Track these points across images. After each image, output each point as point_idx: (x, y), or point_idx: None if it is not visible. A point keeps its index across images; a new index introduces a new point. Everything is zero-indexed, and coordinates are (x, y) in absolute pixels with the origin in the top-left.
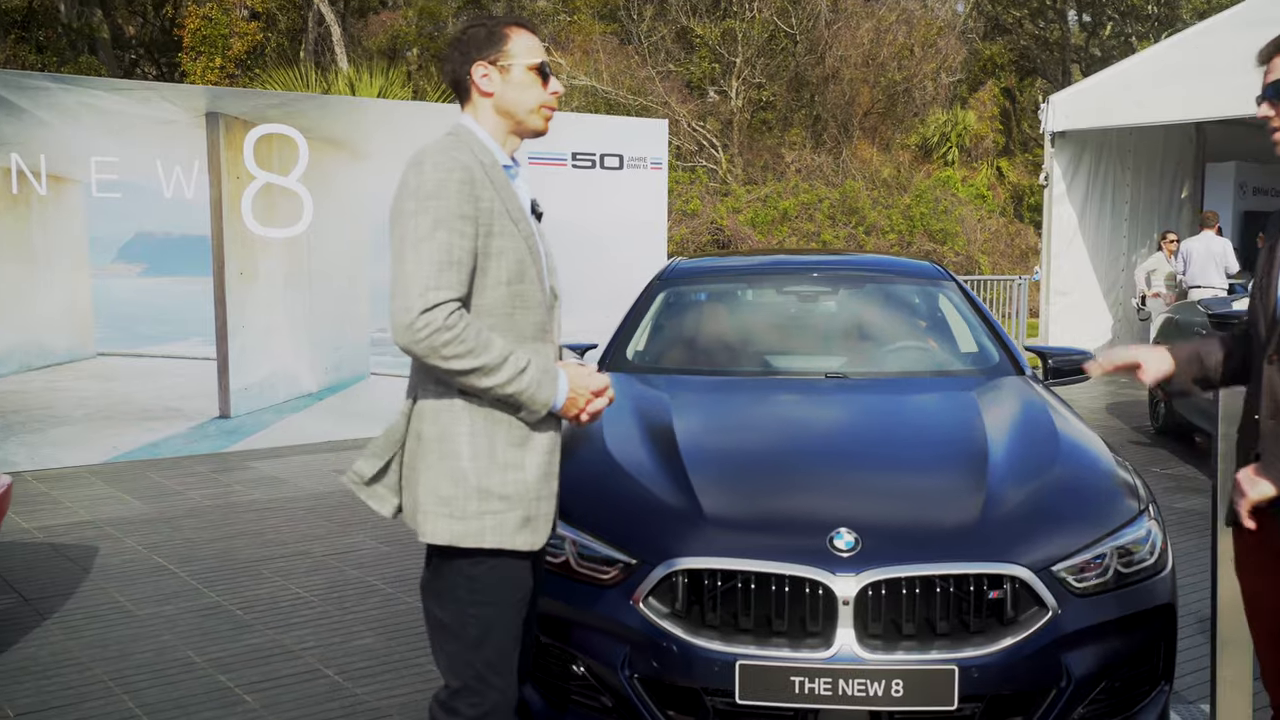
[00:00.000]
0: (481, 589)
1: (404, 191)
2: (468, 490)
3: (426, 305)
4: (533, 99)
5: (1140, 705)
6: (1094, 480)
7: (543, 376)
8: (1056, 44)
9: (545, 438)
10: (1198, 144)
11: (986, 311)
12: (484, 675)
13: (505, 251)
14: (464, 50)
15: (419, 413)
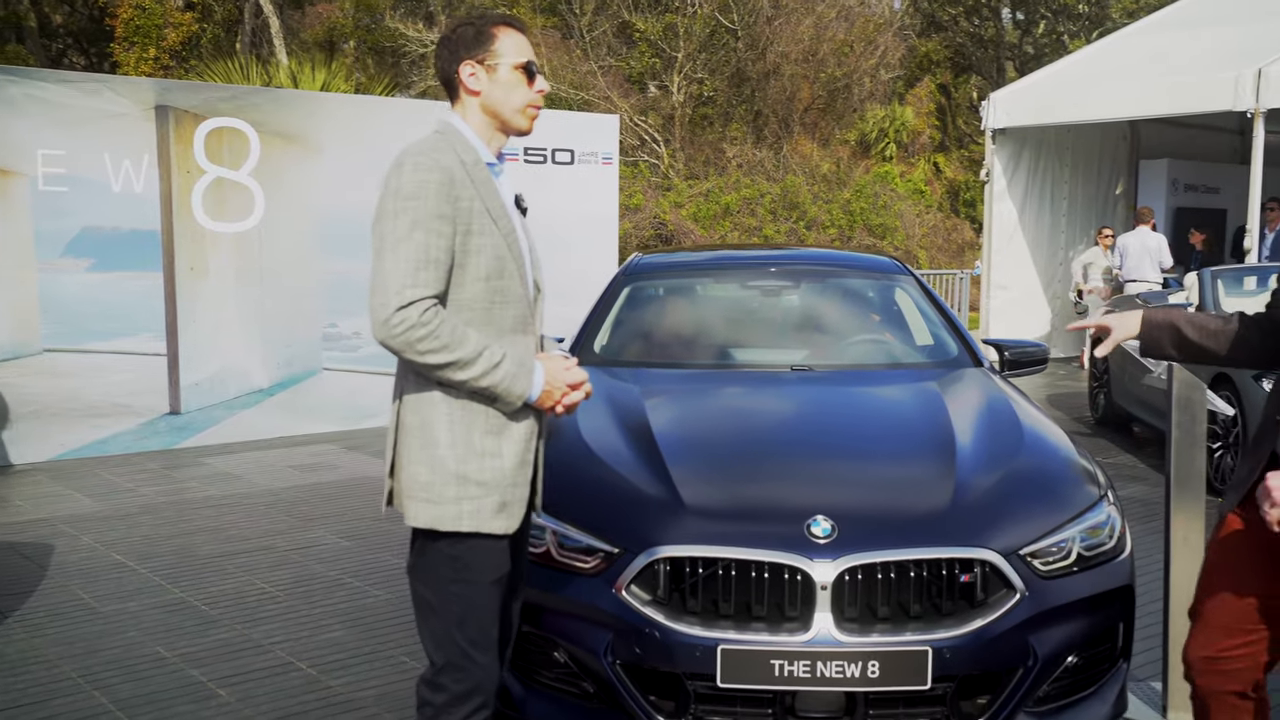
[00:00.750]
0: (462, 568)
1: (385, 192)
2: (446, 476)
3: (403, 302)
4: (519, 98)
5: (1100, 682)
6: (1056, 468)
7: (518, 370)
8: (991, 41)
9: (522, 427)
10: (1131, 142)
11: (944, 305)
12: (468, 652)
13: (484, 249)
14: (452, 49)
15: (404, 404)
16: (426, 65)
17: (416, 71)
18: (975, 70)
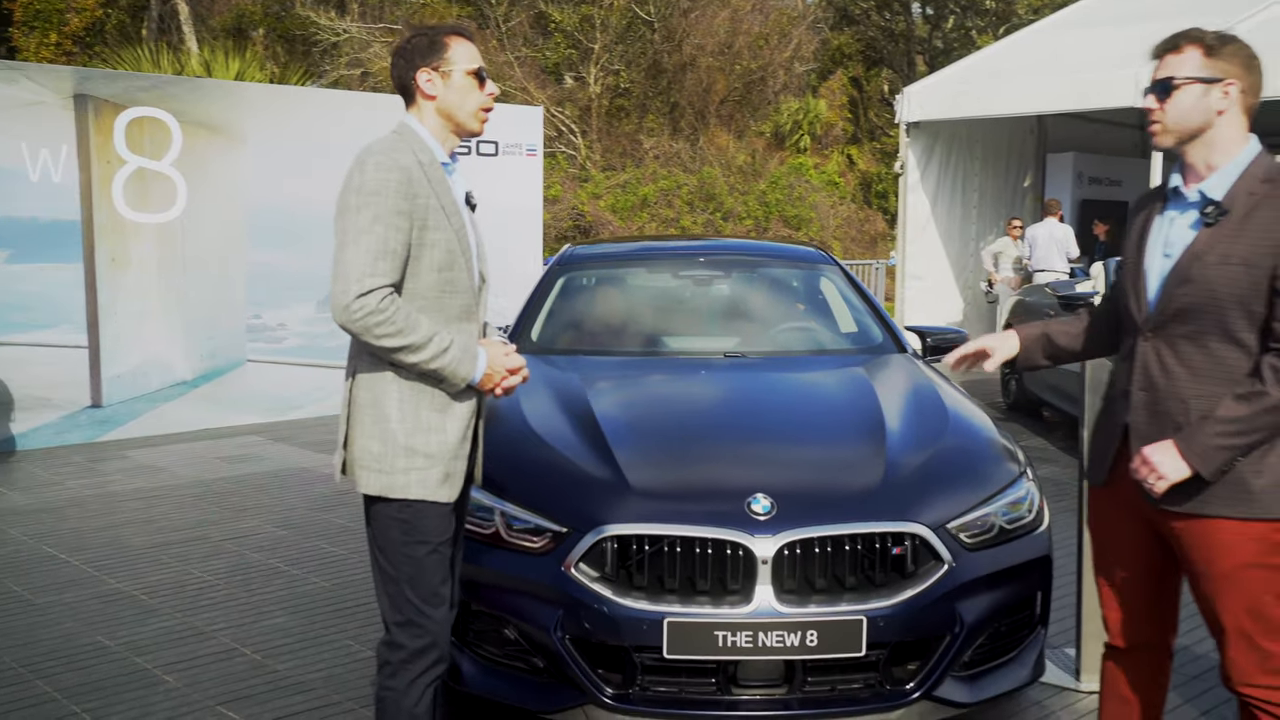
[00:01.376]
0: (412, 530)
1: (349, 187)
2: (396, 448)
3: (362, 290)
4: (472, 102)
5: (1021, 647)
6: (979, 448)
7: (463, 355)
8: (902, 35)
9: (464, 406)
10: (1038, 136)
11: (868, 293)
12: (421, 609)
13: (437, 243)
14: (408, 58)
15: (356, 382)
16: (339, 54)
17: (329, 61)
18: (886, 64)
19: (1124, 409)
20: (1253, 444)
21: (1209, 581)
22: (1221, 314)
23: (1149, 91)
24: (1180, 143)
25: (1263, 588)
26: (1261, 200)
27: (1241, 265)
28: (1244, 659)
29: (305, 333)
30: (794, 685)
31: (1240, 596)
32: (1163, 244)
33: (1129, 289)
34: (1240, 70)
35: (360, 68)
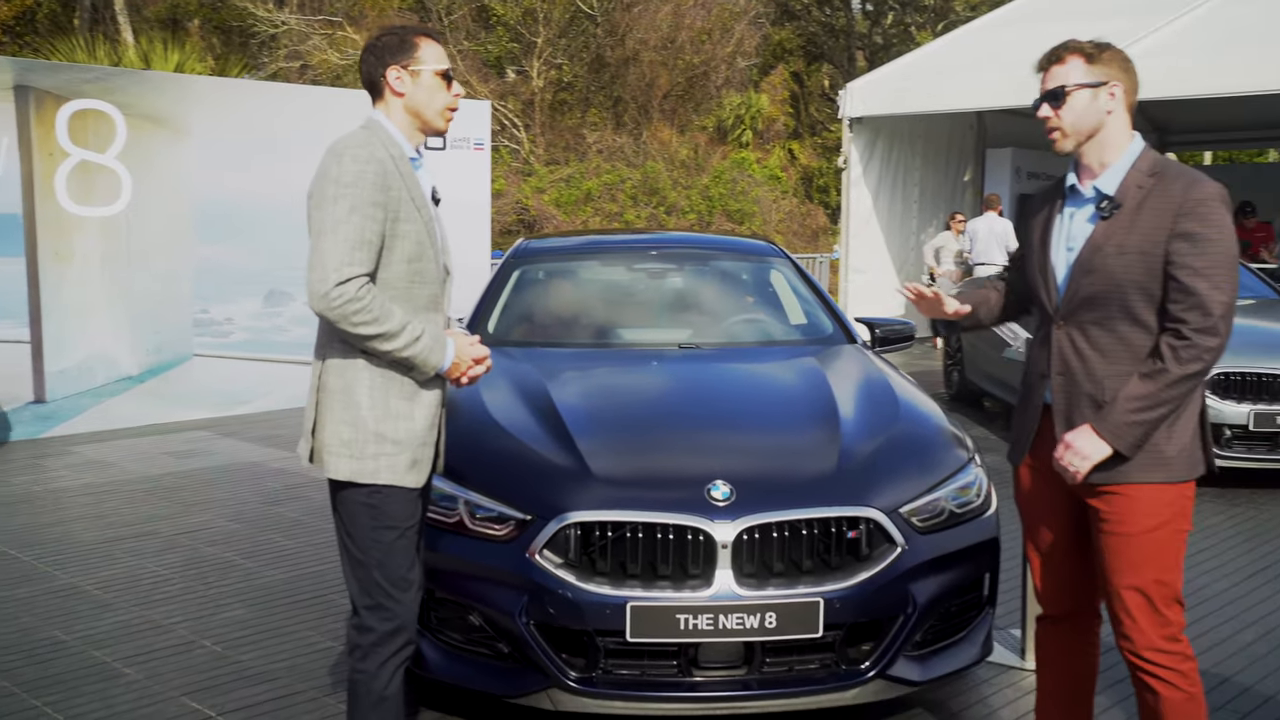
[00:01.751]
0: (381, 515)
1: (325, 178)
2: (366, 435)
3: (341, 279)
4: (439, 101)
5: (970, 627)
6: (929, 434)
7: (434, 344)
8: (842, 31)
9: (431, 395)
10: (978, 131)
11: (818, 286)
12: (389, 592)
13: (408, 235)
14: (379, 55)
15: (326, 369)
16: (277, 46)
17: (267, 53)
18: (827, 59)
19: (1043, 391)
20: (1162, 416)
21: (1122, 545)
22: (1124, 299)
23: (1042, 101)
24: (1078, 145)
25: (1170, 553)
26: (1150, 192)
27: (1137, 253)
28: (1147, 624)
29: (252, 327)
30: (753, 666)
31: (1151, 560)
32: (1065, 239)
33: (1038, 281)
34: (1120, 73)
35: (299, 60)
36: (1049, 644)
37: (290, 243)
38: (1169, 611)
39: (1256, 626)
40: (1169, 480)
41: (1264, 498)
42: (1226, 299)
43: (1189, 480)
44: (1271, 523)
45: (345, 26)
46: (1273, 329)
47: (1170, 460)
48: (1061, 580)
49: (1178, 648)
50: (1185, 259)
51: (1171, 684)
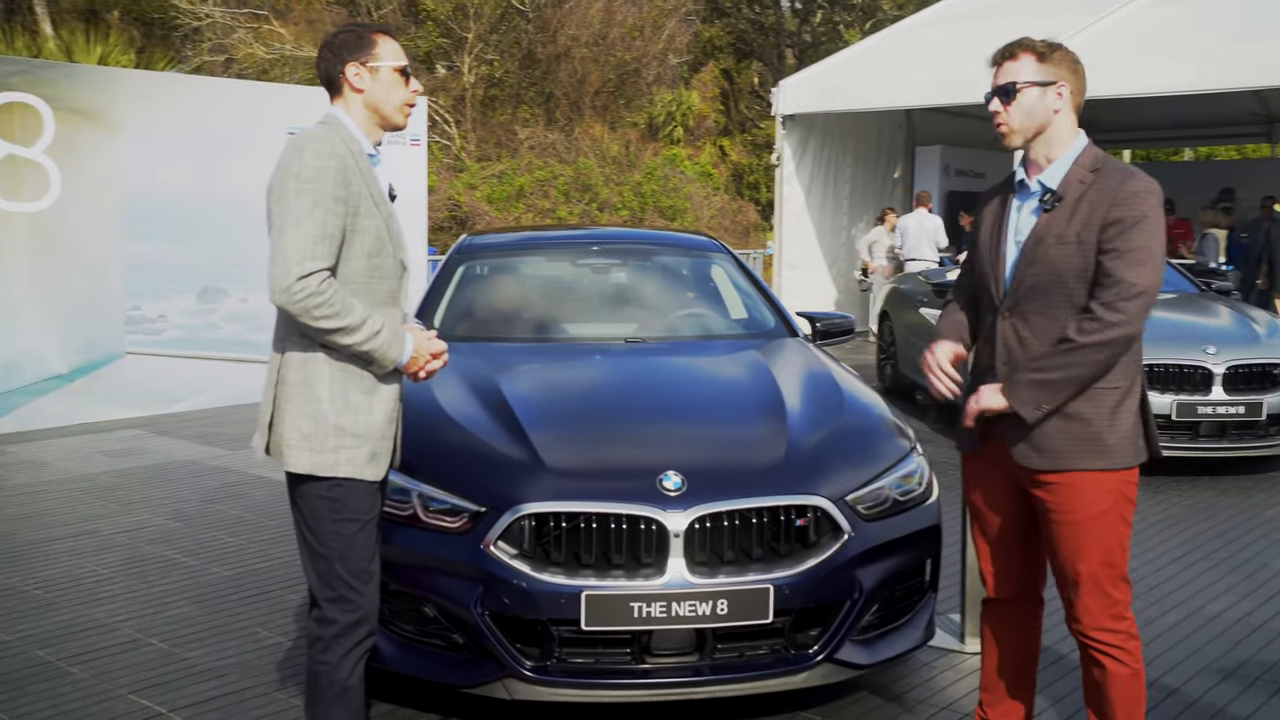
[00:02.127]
0: (341, 508)
1: (287, 173)
2: (326, 428)
3: (303, 272)
4: (398, 97)
5: (913, 612)
6: (873, 425)
7: (393, 338)
8: (772, 29)
9: (389, 390)
10: (907, 129)
11: (760, 280)
12: (351, 584)
13: (368, 230)
14: (336, 51)
15: (285, 362)
16: (201, 39)
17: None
18: (757, 56)
19: (989, 382)
20: (1063, 381)
21: (1069, 531)
22: (1065, 287)
23: (992, 96)
24: (1026, 141)
25: (1115, 537)
26: (1090, 186)
27: (1075, 243)
28: (1095, 605)
29: (186, 324)
30: (705, 653)
31: (1097, 545)
32: (1014, 231)
33: (988, 273)
34: (1068, 73)
35: (224, 54)
36: (995, 626)
37: (225, 239)
38: (1115, 591)
39: (1180, 609)
40: (1110, 467)
41: (1186, 485)
42: (1145, 284)
43: (1132, 467)
44: (1194, 509)
45: (271, 20)
46: (1194, 322)
47: (1111, 448)
48: (1008, 566)
49: (1124, 626)
50: (1111, 243)
51: (1118, 660)
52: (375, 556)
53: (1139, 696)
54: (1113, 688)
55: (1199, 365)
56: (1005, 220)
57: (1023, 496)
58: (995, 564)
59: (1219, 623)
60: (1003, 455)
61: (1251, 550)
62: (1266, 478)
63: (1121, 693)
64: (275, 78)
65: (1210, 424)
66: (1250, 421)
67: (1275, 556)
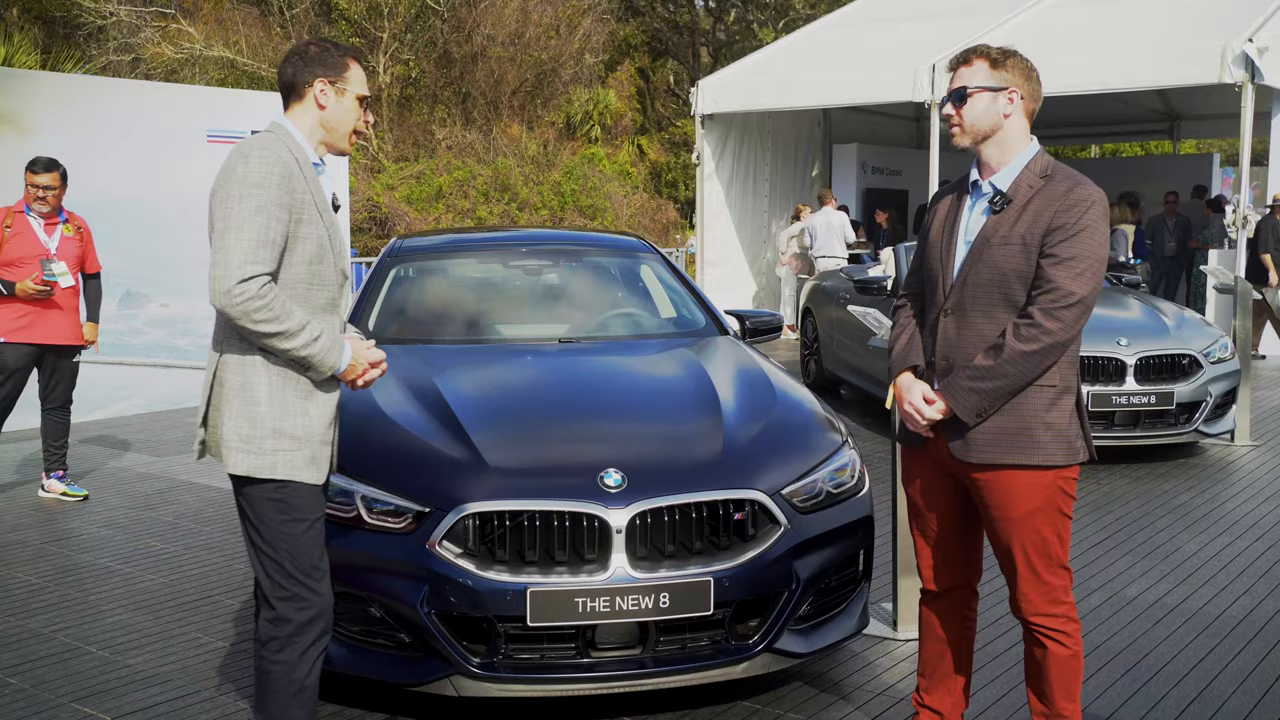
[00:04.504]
0: (288, 508)
1: (231, 178)
2: (264, 431)
3: (244, 276)
4: (352, 122)
5: (848, 601)
6: (806, 419)
7: (331, 345)
8: (686, 27)
9: (327, 396)
10: (824, 128)
11: (689, 280)
12: (304, 583)
13: (310, 237)
14: (307, 63)
15: (223, 364)
16: (106, 38)
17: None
18: (672, 55)
19: (928, 376)
20: (1000, 389)
21: (1006, 525)
22: (1007, 287)
23: (947, 100)
24: (976, 143)
25: (1051, 529)
26: (1038, 191)
27: (1020, 244)
28: (1033, 592)
29: (107, 330)
30: (648, 645)
31: (1033, 537)
32: (964, 231)
33: (937, 270)
34: (1021, 79)
35: (131, 53)
36: (931, 618)
37: (146, 243)
38: (1053, 579)
39: (1101, 591)
40: (1043, 464)
41: (1103, 472)
42: (1083, 292)
43: (1067, 466)
44: (1111, 495)
45: (179, 19)
46: (1106, 315)
47: (1044, 445)
48: (944, 559)
49: (1062, 610)
50: (1053, 248)
51: (1058, 642)
52: (324, 553)
53: (1077, 676)
54: (1052, 668)
55: (1112, 357)
56: (957, 219)
57: (961, 491)
58: (933, 557)
59: (1137, 604)
60: (941, 451)
61: (1166, 535)
62: (1178, 464)
63: (1060, 673)
64: (185, 78)
65: (1124, 413)
66: (1161, 410)
67: (1188, 540)
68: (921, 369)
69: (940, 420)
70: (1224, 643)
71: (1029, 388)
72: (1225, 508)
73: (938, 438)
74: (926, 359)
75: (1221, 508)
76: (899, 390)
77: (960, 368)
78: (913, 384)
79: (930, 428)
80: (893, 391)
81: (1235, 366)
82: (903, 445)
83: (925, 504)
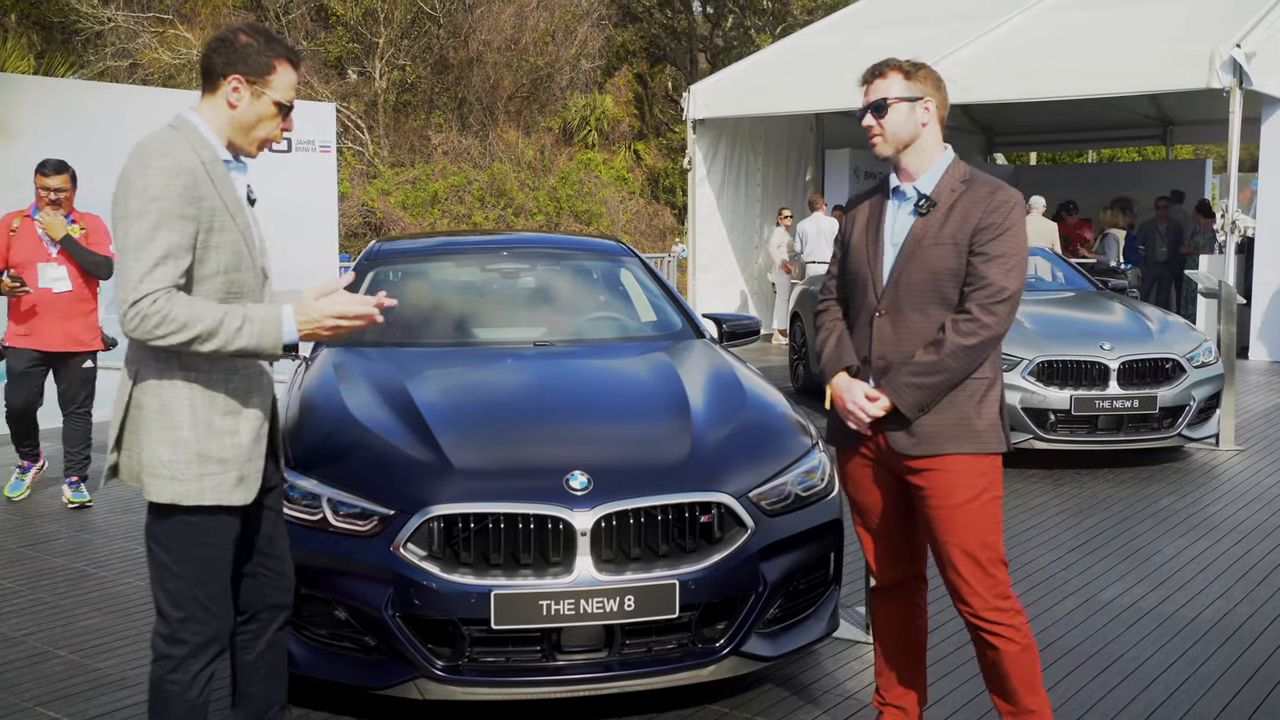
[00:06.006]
0: (204, 533)
1: (129, 190)
2: (188, 455)
3: (137, 296)
4: (264, 130)
5: (817, 605)
6: (775, 422)
7: (263, 326)
8: (684, 33)
9: (255, 408)
10: (817, 132)
11: (667, 283)
12: (207, 605)
13: (223, 245)
14: (228, 56)
15: (141, 388)
16: (104, 44)
17: (93, 50)
18: (670, 61)
19: (864, 376)
20: (940, 384)
21: (947, 515)
22: (939, 285)
23: (866, 111)
24: (896, 151)
25: (989, 518)
26: (961, 195)
27: (950, 244)
28: (981, 585)
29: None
30: (614, 648)
31: (974, 526)
32: (890, 234)
33: (865, 273)
34: (933, 90)
35: (129, 59)
36: (882, 613)
37: None
38: (996, 572)
39: (1076, 596)
40: (981, 451)
41: (1086, 476)
42: (1014, 287)
43: (998, 453)
44: (1092, 500)
45: (177, 24)
46: (1091, 319)
47: (981, 433)
48: (889, 552)
49: (1008, 604)
50: (982, 247)
51: (1008, 638)
52: (237, 580)
53: (1035, 669)
54: (1009, 665)
55: (1096, 361)
56: (881, 223)
57: (898, 484)
58: (878, 551)
59: (1112, 609)
60: (878, 445)
61: (1145, 539)
62: (1161, 469)
63: (1017, 668)
64: (182, 83)
65: (1107, 417)
66: (1145, 415)
67: (1167, 545)
68: (855, 368)
69: (881, 417)
70: (1196, 646)
71: (964, 380)
72: (1206, 512)
73: (875, 435)
74: (861, 358)
75: (1202, 512)
76: (837, 391)
77: (901, 365)
78: (851, 383)
79: (869, 425)
80: (829, 392)
81: (1219, 371)
82: (834, 444)
83: (866, 501)
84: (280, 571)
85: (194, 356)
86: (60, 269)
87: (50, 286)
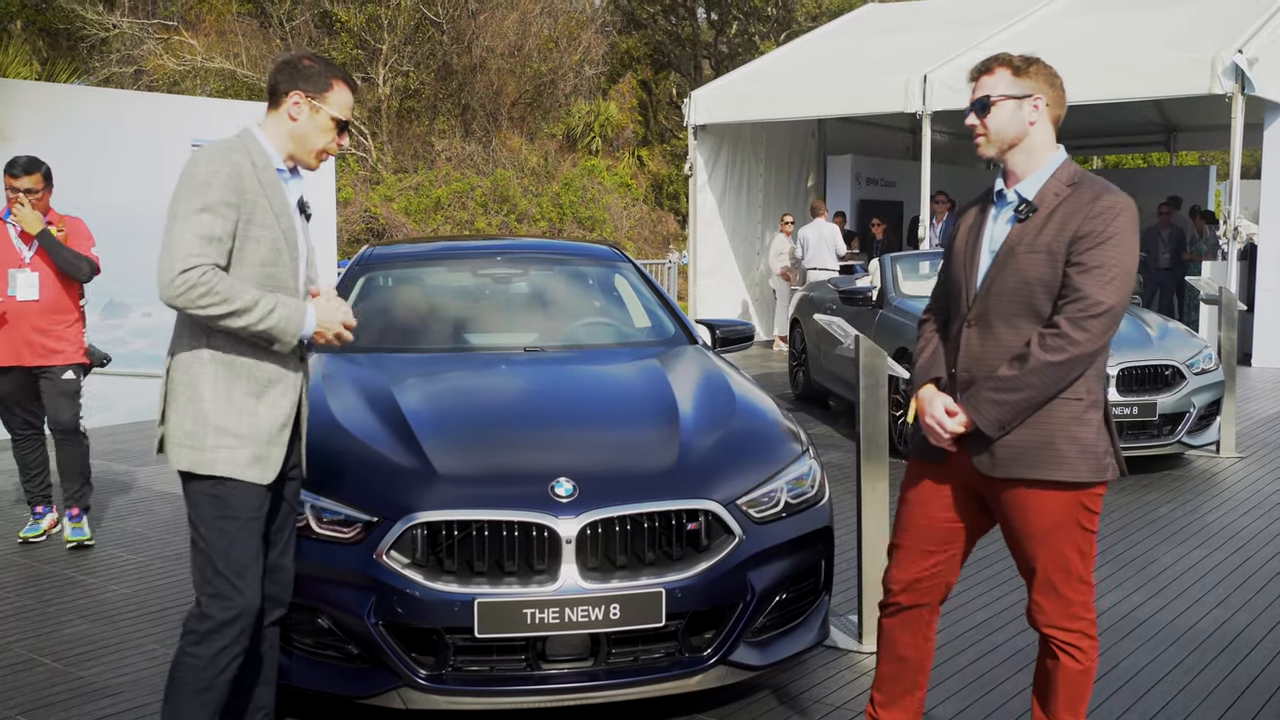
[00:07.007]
0: (223, 505)
1: (182, 180)
2: (206, 427)
3: (186, 266)
4: (321, 142)
5: (807, 613)
6: (765, 428)
7: (291, 313)
8: (688, 40)
9: (281, 397)
10: (819, 138)
11: (660, 288)
12: (232, 581)
13: (262, 239)
14: (291, 75)
15: (174, 364)
16: (109, 50)
17: (98, 57)
18: (674, 67)
19: (950, 389)
20: (1024, 401)
21: (1027, 539)
22: (1031, 296)
23: (970, 109)
24: (1001, 152)
25: (1070, 545)
26: (1065, 199)
27: (1045, 253)
28: (1051, 605)
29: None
30: (599, 657)
31: (1052, 552)
32: (989, 241)
33: (960, 280)
34: (1045, 86)
35: (134, 65)
36: (894, 633)
37: (129, 253)
38: (1072, 594)
39: None
40: (1067, 480)
41: None
42: (1111, 301)
43: (1094, 483)
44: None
45: (181, 31)
46: None
47: (1069, 460)
48: (920, 574)
49: (1079, 625)
50: (1079, 256)
51: (1071, 656)
52: (259, 555)
53: (1084, 692)
54: (1061, 680)
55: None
56: (982, 230)
57: (976, 505)
58: (909, 571)
59: (1108, 617)
60: (963, 465)
61: (1143, 547)
62: (1161, 476)
63: (1068, 686)
64: (186, 90)
65: None
66: (1144, 421)
67: (1165, 553)
68: (944, 381)
69: (962, 434)
70: (1192, 655)
71: (1055, 400)
72: (1205, 520)
73: (960, 452)
74: (948, 371)
75: (1201, 520)
76: (920, 403)
77: (983, 379)
78: (934, 396)
79: (952, 441)
80: (914, 405)
81: (1219, 378)
82: (922, 460)
83: (925, 514)
84: (280, 565)
85: (222, 336)
86: (33, 275)
87: (19, 294)
